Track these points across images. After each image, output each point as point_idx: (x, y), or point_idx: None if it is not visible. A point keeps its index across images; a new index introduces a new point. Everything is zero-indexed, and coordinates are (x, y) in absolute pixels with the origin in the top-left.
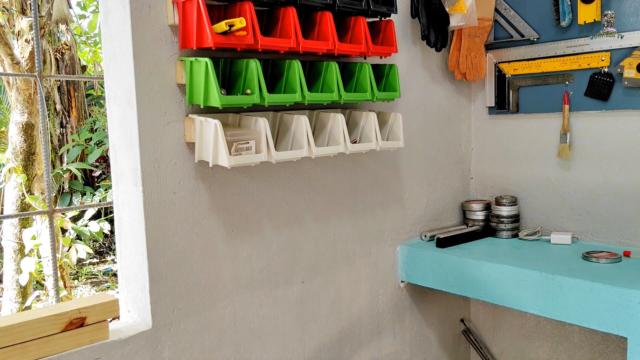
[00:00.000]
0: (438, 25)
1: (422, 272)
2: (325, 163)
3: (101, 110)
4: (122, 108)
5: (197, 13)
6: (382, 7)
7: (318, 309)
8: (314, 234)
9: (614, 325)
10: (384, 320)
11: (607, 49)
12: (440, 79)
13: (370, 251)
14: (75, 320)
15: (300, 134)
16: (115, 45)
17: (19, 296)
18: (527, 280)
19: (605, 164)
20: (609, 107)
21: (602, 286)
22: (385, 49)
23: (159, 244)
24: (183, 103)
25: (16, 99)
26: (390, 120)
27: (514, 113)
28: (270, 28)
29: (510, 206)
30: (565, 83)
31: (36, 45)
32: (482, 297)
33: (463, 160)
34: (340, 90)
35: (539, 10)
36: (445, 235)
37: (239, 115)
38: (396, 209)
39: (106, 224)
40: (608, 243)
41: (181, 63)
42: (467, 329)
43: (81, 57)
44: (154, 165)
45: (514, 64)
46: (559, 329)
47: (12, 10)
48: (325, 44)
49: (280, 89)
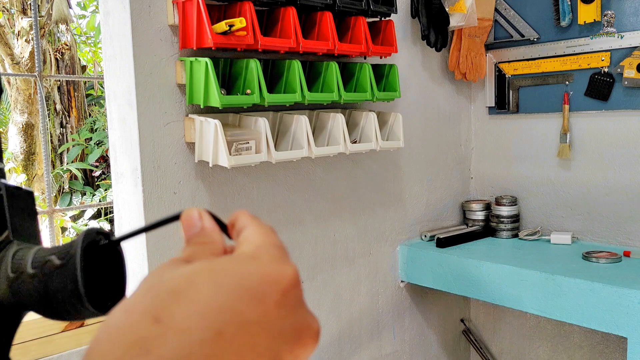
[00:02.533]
0: (438, 25)
1: (422, 272)
2: (325, 163)
3: (101, 110)
4: (122, 108)
5: (197, 13)
6: (382, 7)
7: (318, 309)
8: (314, 234)
9: (613, 325)
10: (384, 320)
11: (607, 49)
12: (440, 79)
13: (370, 251)
14: None
15: (300, 134)
16: (115, 45)
17: None
18: (527, 280)
19: (606, 164)
20: (609, 107)
21: (602, 286)
22: (385, 49)
23: (159, 245)
24: (183, 103)
25: (16, 99)
26: (390, 120)
27: (514, 113)
28: (270, 28)
29: (510, 206)
30: (565, 83)
31: (36, 45)
32: (482, 297)
33: (463, 160)
34: (340, 90)
35: (539, 10)
36: (445, 235)
37: (239, 115)
38: (396, 209)
39: (106, 223)
40: (608, 243)
41: (181, 63)
42: (467, 329)
43: (81, 57)
44: (154, 165)
45: (514, 64)
46: (559, 329)
47: (13, 10)
48: (325, 44)
49: (280, 89)
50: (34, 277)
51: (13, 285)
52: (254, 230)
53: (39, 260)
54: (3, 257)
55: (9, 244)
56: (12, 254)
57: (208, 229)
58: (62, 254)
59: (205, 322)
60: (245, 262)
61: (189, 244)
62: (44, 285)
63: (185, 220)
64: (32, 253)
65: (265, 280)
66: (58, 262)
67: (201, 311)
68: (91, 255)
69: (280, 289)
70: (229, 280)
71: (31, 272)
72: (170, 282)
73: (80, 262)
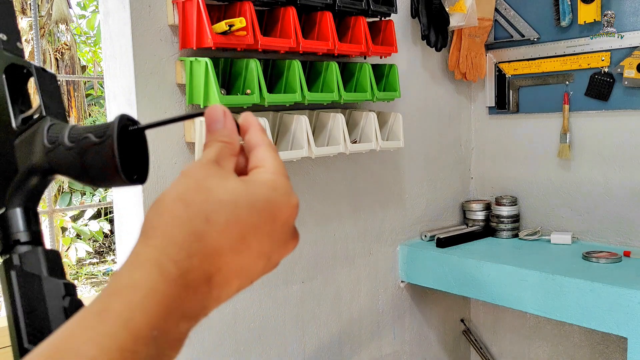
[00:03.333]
0: (438, 25)
1: (422, 272)
2: (325, 163)
3: (101, 110)
4: (122, 108)
5: (197, 13)
6: (382, 7)
7: (318, 309)
8: (314, 234)
9: (614, 325)
10: (384, 321)
11: (607, 49)
12: (440, 78)
13: (370, 251)
14: None
15: (300, 134)
16: (115, 45)
17: None
18: (527, 280)
19: (606, 163)
20: (609, 107)
21: (602, 286)
22: (385, 48)
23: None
24: (183, 103)
25: None
26: (390, 120)
27: (514, 113)
28: (270, 28)
29: (511, 206)
30: (565, 83)
31: (36, 45)
32: (482, 297)
33: (463, 160)
34: (340, 90)
35: (539, 10)
36: (446, 235)
37: (239, 116)
38: (396, 209)
39: (106, 223)
40: (608, 243)
41: (181, 63)
42: (467, 329)
43: (81, 56)
44: (154, 165)
45: (514, 63)
46: (559, 329)
47: None
48: (325, 44)
49: (280, 89)
50: (71, 149)
51: (50, 154)
52: (269, 155)
53: (76, 136)
54: (38, 127)
55: (42, 119)
56: (47, 127)
57: (229, 128)
58: (100, 133)
59: (237, 229)
60: (268, 191)
61: (213, 139)
62: (81, 158)
63: (211, 113)
64: (67, 128)
65: (280, 207)
66: (96, 139)
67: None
68: (123, 135)
69: (286, 214)
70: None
71: (69, 145)
72: (217, 194)
73: (117, 141)
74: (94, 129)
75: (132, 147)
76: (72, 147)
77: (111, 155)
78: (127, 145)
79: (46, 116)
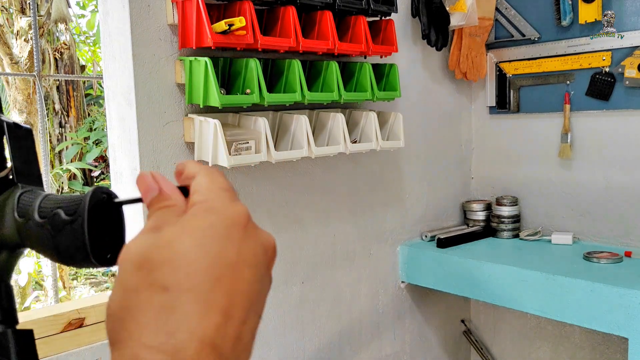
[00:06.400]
0: (438, 24)
1: (423, 273)
2: (325, 163)
3: (100, 110)
4: (121, 108)
5: (196, 12)
6: (382, 7)
7: (318, 310)
8: (314, 234)
9: (615, 326)
10: (384, 321)
11: (608, 49)
12: (440, 78)
13: (370, 251)
14: (74, 320)
15: (300, 134)
16: (115, 45)
17: (18, 297)
18: (528, 280)
19: (607, 163)
20: (610, 106)
21: (603, 287)
22: (385, 48)
23: None
24: (182, 103)
25: (15, 99)
26: (390, 120)
27: (515, 113)
28: (270, 27)
29: (511, 206)
30: (566, 83)
31: (35, 44)
32: (482, 298)
33: (463, 160)
34: (340, 89)
35: (540, 10)
36: (446, 236)
37: (238, 115)
38: (396, 209)
39: None
40: (609, 243)
41: (180, 62)
42: (468, 329)
43: (80, 56)
44: (154, 165)
45: (515, 63)
46: (560, 329)
47: (12, 9)
48: (325, 44)
49: (280, 89)
50: (42, 226)
51: (21, 229)
52: (201, 179)
53: (46, 211)
54: (7, 198)
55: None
56: (18, 196)
57: (166, 191)
58: (70, 210)
59: (202, 276)
60: (204, 217)
61: (152, 209)
62: (52, 236)
63: (141, 185)
64: (38, 200)
65: (226, 225)
66: (66, 217)
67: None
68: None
69: (239, 227)
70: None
71: (39, 221)
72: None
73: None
74: (66, 204)
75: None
76: (43, 224)
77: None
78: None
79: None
